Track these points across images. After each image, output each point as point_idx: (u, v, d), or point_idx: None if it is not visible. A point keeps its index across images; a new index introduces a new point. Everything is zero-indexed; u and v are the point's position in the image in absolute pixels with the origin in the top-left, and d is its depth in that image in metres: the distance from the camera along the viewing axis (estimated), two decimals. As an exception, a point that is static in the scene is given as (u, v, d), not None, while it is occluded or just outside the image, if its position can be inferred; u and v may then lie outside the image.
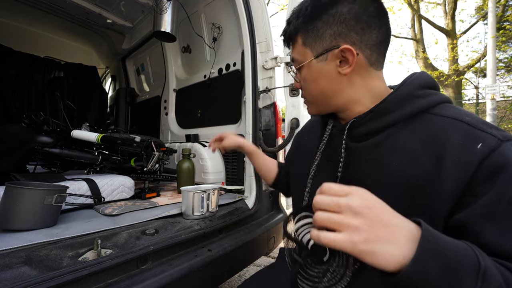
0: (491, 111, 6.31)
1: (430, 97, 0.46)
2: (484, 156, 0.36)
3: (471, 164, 0.37)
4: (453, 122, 0.42)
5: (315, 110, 0.60)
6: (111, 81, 3.28)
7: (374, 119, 0.49)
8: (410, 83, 0.48)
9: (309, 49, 0.52)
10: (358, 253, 0.31)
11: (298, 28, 0.53)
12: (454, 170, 0.38)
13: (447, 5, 9.30)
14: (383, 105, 0.48)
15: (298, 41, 0.54)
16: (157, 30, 1.68)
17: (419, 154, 0.42)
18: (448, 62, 9.55)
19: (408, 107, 0.46)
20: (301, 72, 0.56)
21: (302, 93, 0.61)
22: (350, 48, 0.48)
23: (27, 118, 1.60)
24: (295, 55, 0.56)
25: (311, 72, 0.54)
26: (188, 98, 2.09)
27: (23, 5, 2.20)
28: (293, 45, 0.56)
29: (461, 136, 0.40)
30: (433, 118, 0.44)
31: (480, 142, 0.38)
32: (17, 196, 0.73)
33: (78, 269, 0.59)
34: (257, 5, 1.41)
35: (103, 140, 1.32)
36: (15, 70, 2.33)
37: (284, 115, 1.45)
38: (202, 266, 0.82)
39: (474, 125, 0.40)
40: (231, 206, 1.15)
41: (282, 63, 1.37)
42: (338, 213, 0.33)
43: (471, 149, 0.38)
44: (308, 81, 0.55)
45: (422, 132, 0.44)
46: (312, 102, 0.58)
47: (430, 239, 0.30)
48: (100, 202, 1.05)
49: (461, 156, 0.38)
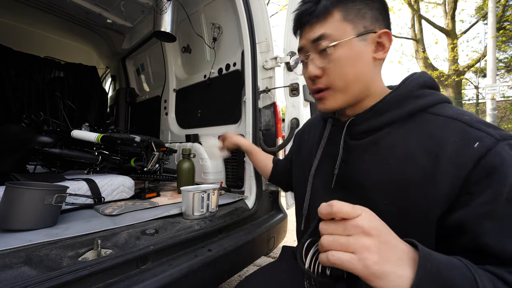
0: (491, 111, 6.31)
1: (428, 97, 0.46)
2: (480, 156, 0.36)
3: (467, 163, 0.37)
4: (450, 121, 0.42)
5: (342, 101, 0.51)
6: (111, 81, 3.28)
7: (372, 118, 0.49)
8: (409, 83, 0.48)
9: (351, 25, 0.47)
10: (369, 275, 0.30)
11: (336, 3, 0.48)
12: (450, 168, 0.38)
13: (447, 5, 9.30)
14: (382, 104, 0.48)
15: (335, 15, 0.48)
16: (157, 30, 1.68)
17: (416, 154, 0.42)
18: (448, 62, 9.55)
19: (407, 107, 0.46)
20: (335, 52, 0.48)
21: (323, 82, 0.51)
22: (389, 33, 0.48)
23: (27, 118, 1.60)
24: (329, 30, 0.48)
25: (351, 52, 0.48)
26: (188, 98, 2.09)
27: (23, 5, 2.20)
28: (325, 20, 0.48)
29: (458, 134, 0.40)
30: (431, 118, 0.44)
31: (477, 141, 0.37)
32: (17, 196, 0.73)
33: (78, 269, 0.59)
34: (257, 5, 1.41)
35: (103, 140, 1.32)
36: (15, 70, 2.33)
37: (284, 115, 1.45)
38: (202, 266, 0.82)
39: (471, 124, 0.40)
40: (231, 206, 1.15)
41: (282, 63, 1.36)
42: (347, 236, 0.32)
43: (467, 148, 0.38)
44: (343, 62, 0.48)
45: (419, 131, 0.44)
46: (341, 89, 0.50)
47: (428, 262, 0.30)
48: (100, 202, 1.05)
49: (457, 155, 0.38)
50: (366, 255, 0.30)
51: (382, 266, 0.29)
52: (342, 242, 0.32)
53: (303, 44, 0.53)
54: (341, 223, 0.33)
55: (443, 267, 0.30)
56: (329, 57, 0.49)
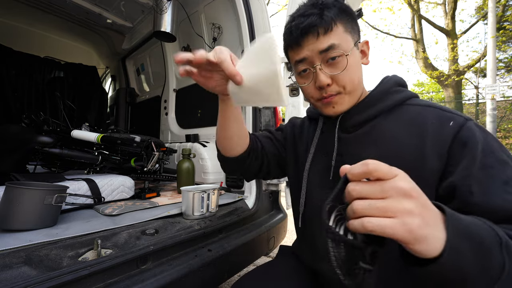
0: (491, 111, 6.31)
1: (403, 92, 0.56)
2: (455, 131, 0.45)
3: (446, 139, 0.45)
4: (427, 108, 0.51)
5: (348, 103, 0.56)
6: (111, 81, 3.28)
7: (362, 111, 0.56)
8: (387, 82, 0.58)
9: (350, 36, 0.54)
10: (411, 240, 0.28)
11: (337, 16, 0.52)
12: (435, 146, 0.46)
13: (447, 5, 9.30)
14: (368, 99, 0.57)
15: (339, 27, 0.53)
16: (157, 30, 1.68)
17: (403, 138, 0.50)
18: (448, 62, 9.55)
19: (388, 101, 0.55)
20: (343, 60, 0.52)
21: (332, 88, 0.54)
22: (368, 42, 0.59)
23: (27, 118, 1.60)
24: (336, 41, 0.52)
25: (355, 59, 0.55)
26: (188, 98, 2.09)
27: (23, 5, 2.20)
28: (331, 31, 0.52)
29: (435, 117, 0.49)
30: (409, 108, 0.53)
31: (451, 120, 0.47)
32: (17, 196, 0.73)
33: (78, 269, 0.59)
34: (257, 5, 1.41)
35: (103, 140, 1.33)
36: (15, 70, 2.33)
37: (284, 115, 1.45)
38: (202, 266, 0.82)
39: (443, 109, 0.50)
40: (231, 206, 1.15)
41: (282, 63, 1.36)
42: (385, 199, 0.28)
43: (445, 126, 0.47)
44: (352, 69, 0.54)
45: (402, 120, 0.52)
46: (350, 92, 0.55)
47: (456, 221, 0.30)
48: (100, 202, 1.05)
49: (438, 133, 0.47)
50: (410, 220, 0.27)
51: (424, 229, 0.28)
52: (380, 206, 0.28)
53: (307, 55, 0.54)
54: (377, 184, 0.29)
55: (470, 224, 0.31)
56: (338, 65, 0.53)
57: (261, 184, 1.29)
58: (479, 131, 0.45)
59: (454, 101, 9.25)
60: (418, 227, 0.27)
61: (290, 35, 0.55)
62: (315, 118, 0.68)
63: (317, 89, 0.55)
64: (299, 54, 0.55)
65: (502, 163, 0.42)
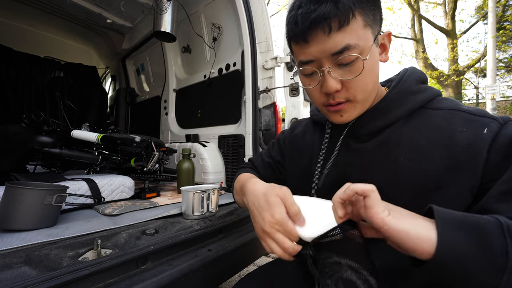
0: (491, 111, 6.31)
1: (426, 92, 0.47)
2: (491, 140, 0.37)
3: (481, 149, 0.38)
4: (452, 112, 0.43)
5: (359, 112, 0.48)
6: (111, 81, 3.28)
7: (378, 118, 0.48)
8: (406, 78, 0.49)
9: (370, 31, 0.43)
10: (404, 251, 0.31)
11: (356, 3, 0.40)
12: (466, 158, 0.39)
13: (447, 5, 9.30)
14: (385, 103, 0.48)
15: (358, 20, 0.41)
16: (157, 30, 1.68)
17: (426, 148, 0.42)
18: (448, 62, 9.55)
19: (408, 104, 0.46)
20: (359, 63, 0.42)
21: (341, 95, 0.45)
22: (390, 33, 0.47)
23: (27, 118, 1.60)
24: (354, 40, 0.41)
25: (372, 61, 0.43)
26: (188, 98, 2.09)
27: (23, 5, 2.20)
28: (346, 26, 0.40)
29: (464, 124, 0.41)
30: (432, 112, 0.45)
31: (485, 127, 0.39)
32: (17, 196, 0.73)
33: (78, 269, 0.59)
34: (257, 5, 1.41)
35: (103, 140, 1.32)
36: (15, 70, 2.33)
37: (284, 115, 1.45)
38: (202, 266, 0.82)
39: (472, 112, 0.42)
40: (231, 206, 1.15)
41: (282, 63, 1.37)
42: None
43: (477, 135, 0.39)
44: (367, 73, 0.43)
45: (425, 127, 0.44)
46: (362, 101, 0.46)
47: (446, 214, 0.31)
48: (100, 202, 1.05)
49: (470, 143, 0.39)
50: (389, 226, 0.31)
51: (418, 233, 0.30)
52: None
53: (315, 56, 0.44)
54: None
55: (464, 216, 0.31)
56: (351, 69, 0.43)
57: (261, 184, 1.29)
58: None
59: (454, 101, 9.25)
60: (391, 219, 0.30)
61: (295, 25, 0.43)
62: (320, 123, 0.61)
63: (324, 94, 0.47)
64: (305, 53, 0.45)
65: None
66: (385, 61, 0.48)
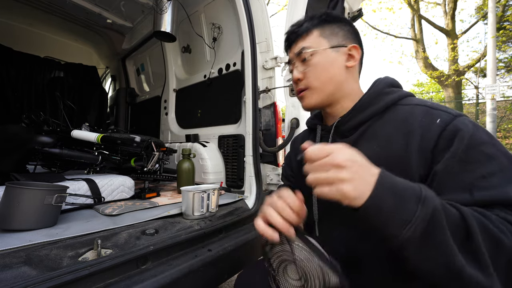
0: (491, 111, 6.31)
1: (397, 92, 0.57)
2: (441, 129, 0.45)
3: (432, 137, 0.46)
4: (416, 106, 0.52)
5: (317, 99, 0.63)
6: (111, 81, 3.28)
7: (355, 116, 0.58)
8: (378, 84, 0.60)
9: (326, 40, 0.61)
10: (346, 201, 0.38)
11: (315, 25, 0.62)
12: (419, 143, 0.47)
13: (447, 5, 9.30)
14: (360, 103, 0.59)
15: (314, 33, 0.62)
16: (157, 30, 1.68)
17: (393, 136, 0.52)
18: (448, 62, 9.55)
19: (381, 102, 0.56)
20: (312, 59, 0.61)
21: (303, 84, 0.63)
22: (357, 47, 0.61)
23: (27, 118, 1.60)
24: (308, 44, 0.62)
25: (326, 59, 0.61)
26: (188, 98, 2.09)
27: (23, 5, 2.20)
28: (306, 36, 0.63)
29: (423, 115, 0.49)
30: (401, 108, 0.54)
31: (438, 118, 0.47)
32: (17, 196, 0.73)
33: (78, 269, 0.59)
34: (257, 5, 1.41)
35: (103, 140, 1.32)
36: (15, 70, 2.33)
37: (284, 115, 1.45)
38: (202, 266, 0.82)
39: (432, 106, 0.51)
40: (231, 206, 1.15)
41: (282, 63, 1.37)
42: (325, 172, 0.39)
43: (432, 124, 0.47)
44: (319, 67, 0.61)
45: (394, 119, 0.54)
46: (317, 89, 0.62)
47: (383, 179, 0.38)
48: (100, 202, 1.05)
49: (425, 130, 0.47)
50: (342, 186, 0.37)
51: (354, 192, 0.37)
52: (322, 177, 0.39)
53: (291, 57, 0.66)
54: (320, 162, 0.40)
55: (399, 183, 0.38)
56: (307, 63, 0.62)
57: (261, 184, 1.29)
58: (469, 126, 0.44)
59: (454, 101, 9.25)
60: (348, 191, 0.37)
61: (285, 41, 0.69)
62: (313, 128, 0.72)
63: (295, 84, 0.66)
64: (289, 56, 0.68)
65: (488, 158, 0.41)
66: (350, 66, 0.61)
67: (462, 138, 0.43)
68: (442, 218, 0.35)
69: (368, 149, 0.53)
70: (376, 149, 0.53)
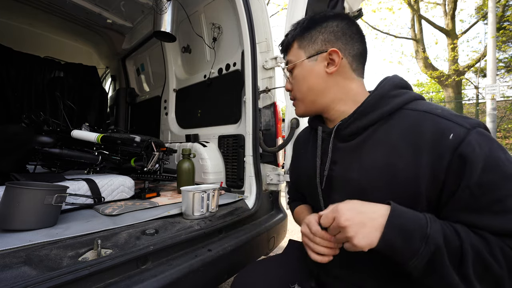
0: (491, 111, 6.30)
1: (404, 95, 0.52)
2: (455, 148, 0.43)
3: (445, 156, 0.43)
4: (425, 114, 0.48)
5: (303, 109, 0.65)
6: (111, 81, 3.28)
7: (356, 120, 0.55)
8: (384, 85, 0.55)
9: (303, 51, 0.62)
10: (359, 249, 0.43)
11: (295, 36, 0.63)
12: (431, 162, 0.44)
13: (447, 5, 9.29)
14: (362, 107, 0.55)
15: (294, 45, 0.63)
16: (157, 30, 1.68)
17: (399, 146, 0.48)
18: (448, 62, 9.54)
19: (387, 106, 0.52)
20: (294, 71, 0.64)
21: (292, 94, 0.67)
22: (336, 50, 0.57)
23: (27, 118, 1.60)
24: (290, 57, 0.65)
25: (303, 71, 0.62)
26: (188, 98, 2.09)
27: (23, 5, 2.20)
28: (290, 50, 0.65)
29: (433, 127, 0.46)
30: (408, 113, 0.50)
31: (451, 132, 0.43)
32: (17, 196, 0.73)
33: (78, 269, 0.59)
34: (257, 5, 1.41)
35: (103, 140, 1.32)
36: (15, 70, 2.33)
37: (284, 115, 1.45)
38: (202, 266, 0.82)
39: (443, 116, 0.46)
40: (231, 206, 1.15)
41: (282, 63, 1.36)
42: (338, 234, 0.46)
43: (443, 140, 0.44)
44: (299, 79, 0.63)
45: (400, 126, 0.50)
46: (301, 99, 0.65)
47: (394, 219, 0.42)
48: (100, 202, 1.05)
49: (435, 148, 0.44)
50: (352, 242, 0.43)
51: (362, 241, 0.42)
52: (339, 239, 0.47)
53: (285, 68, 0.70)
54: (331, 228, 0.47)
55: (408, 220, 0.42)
56: (293, 75, 0.65)
57: (261, 184, 1.29)
58: (483, 145, 0.42)
59: (454, 101, 9.25)
60: (358, 244, 0.42)
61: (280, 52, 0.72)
62: (314, 128, 0.70)
63: (288, 93, 0.69)
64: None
65: (506, 178, 0.40)
66: (331, 73, 0.58)
67: (477, 161, 0.41)
68: (443, 252, 0.40)
69: (372, 157, 0.52)
70: (378, 158, 0.50)
